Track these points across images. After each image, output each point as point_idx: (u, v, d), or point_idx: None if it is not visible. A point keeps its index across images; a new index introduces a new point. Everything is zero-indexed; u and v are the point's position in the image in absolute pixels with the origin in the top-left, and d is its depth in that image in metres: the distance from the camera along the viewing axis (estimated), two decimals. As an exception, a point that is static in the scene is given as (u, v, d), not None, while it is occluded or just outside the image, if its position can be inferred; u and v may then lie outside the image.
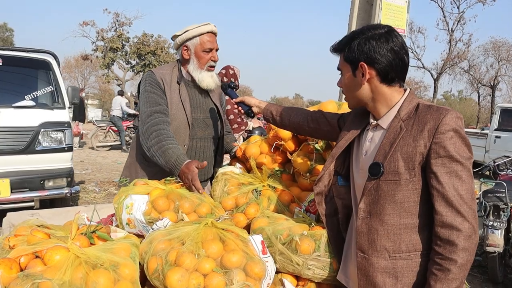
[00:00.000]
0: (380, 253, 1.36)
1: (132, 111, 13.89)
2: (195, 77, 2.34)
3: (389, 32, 1.37)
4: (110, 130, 13.16)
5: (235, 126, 4.46)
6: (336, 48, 1.49)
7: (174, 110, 2.29)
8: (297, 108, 1.99)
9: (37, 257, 1.35)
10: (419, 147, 1.29)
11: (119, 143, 12.99)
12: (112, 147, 13.14)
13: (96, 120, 14.12)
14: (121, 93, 14.13)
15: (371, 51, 1.35)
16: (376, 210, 1.37)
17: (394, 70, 1.37)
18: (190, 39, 2.30)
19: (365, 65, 1.37)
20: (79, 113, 13.92)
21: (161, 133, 2.14)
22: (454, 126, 1.26)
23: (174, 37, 2.37)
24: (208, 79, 2.35)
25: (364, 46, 1.36)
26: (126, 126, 13.30)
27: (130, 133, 13.62)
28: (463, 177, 1.25)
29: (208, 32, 2.31)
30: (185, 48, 2.34)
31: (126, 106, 13.48)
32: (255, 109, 2.07)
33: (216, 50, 2.37)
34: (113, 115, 12.96)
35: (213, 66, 2.37)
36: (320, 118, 1.84)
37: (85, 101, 15.39)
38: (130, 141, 13.88)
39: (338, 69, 1.51)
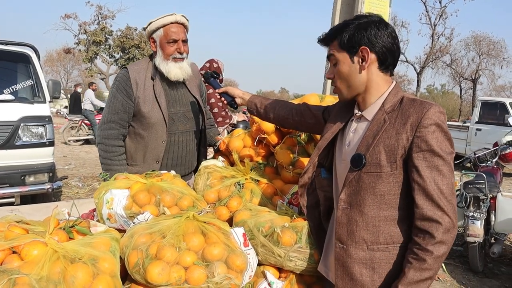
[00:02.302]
0: (359, 244, 1.37)
1: (102, 104, 13.57)
2: (162, 70, 2.27)
3: (383, 19, 1.39)
4: (82, 123, 12.82)
5: (220, 119, 4.44)
6: (327, 38, 1.45)
7: (149, 107, 2.26)
8: (281, 100, 1.97)
9: (14, 252, 1.33)
10: (401, 140, 1.29)
11: (92, 137, 12.57)
12: (85, 141, 12.79)
13: (67, 114, 13.72)
14: (89, 85, 13.60)
15: (372, 35, 1.35)
16: (357, 201, 1.38)
17: (392, 56, 1.38)
18: (154, 31, 2.26)
19: (367, 49, 1.35)
20: (78, 108, 13.61)
21: (108, 149, 2.29)
22: (437, 121, 1.27)
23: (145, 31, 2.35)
24: (176, 70, 2.27)
25: (364, 31, 1.35)
26: (99, 119, 12.95)
27: None
28: (443, 172, 1.25)
29: (172, 23, 2.23)
30: (152, 40, 2.30)
31: (96, 99, 13.06)
32: (238, 100, 2.04)
33: (184, 41, 2.28)
34: (85, 109, 12.61)
35: (180, 58, 2.28)
36: (304, 110, 1.84)
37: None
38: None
39: (328, 58, 1.46)
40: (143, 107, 2.25)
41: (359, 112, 1.46)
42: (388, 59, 1.38)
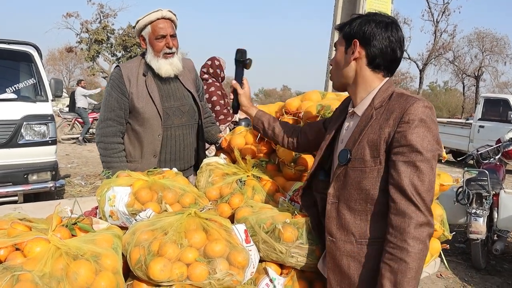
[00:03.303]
0: (347, 238, 1.38)
1: (95, 102, 13.50)
2: (153, 67, 2.29)
3: (392, 23, 1.39)
4: (76, 122, 12.79)
5: (221, 117, 4.44)
6: (341, 26, 1.50)
7: (143, 103, 2.28)
8: (288, 124, 1.92)
9: (17, 249, 1.34)
10: (383, 135, 1.29)
11: (77, 135, 12.56)
12: (77, 140, 12.67)
13: (61, 112, 13.55)
14: (78, 83, 13.37)
15: (367, 32, 1.37)
16: (344, 196, 1.39)
17: (383, 58, 1.38)
18: (143, 28, 2.27)
19: (357, 42, 1.38)
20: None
21: (108, 147, 2.31)
22: (420, 116, 1.25)
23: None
24: (166, 67, 2.29)
25: (363, 26, 1.38)
26: (93, 118, 12.79)
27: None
28: (421, 168, 1.23)
29: (159, 19, 2.23)
30: (141, 38, 2.31)
31: (89, 96, 12.96)
32: (242, 110, 1.91)
33: (172, 36, 2.28)
34: (79, 107, 12.52)
35: (170, 53, 2.29)
36: (308, 131, 1.83)
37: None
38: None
39: (335, 45, 1.52)
40: (137, 103, 2.27)
41: (352, 108, 1.47)
42: (377, 59, 1.38)
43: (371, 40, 1.36)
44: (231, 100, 1.91)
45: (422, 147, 1.24)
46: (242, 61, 1.82)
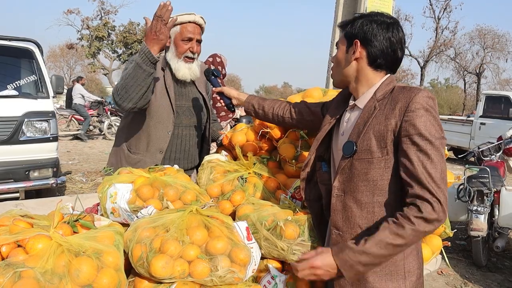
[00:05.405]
0: (354, 230, 1.38)
1: (95, 97, 13.40)
2: (172, 66, 2.28)
3: (393, 23, 1.40)
4: (72, 118, 12.74)
5: (223, 114, 4.44)
6: (343, 24, 1.51)
7: (159, 96, 2.26)
8: (279, 100, 1.99)
9: (19, 246, 1.33)
10: (390, 125, 1.31)
11: (81, 131, 12.51)
12: (74, 137, 12.63)
13: (57, 108, 13.58)
14: (78, 79, 13.29)
15: (369, 33, 1.38)
16: (350, 188, 1.39)
17: (384, 58, 1.40)
18: (171, 27, 2.26)
19: (358, 43, 1.40)
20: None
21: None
22: (425, 105, 1.27)
23: None
24: (184, 70, 2.29)
25: (364, 26, 1.40)
26: (90, 114, 12.87)
27: (94, 121, 13.23)
28: (432, 156, 1.25)
29: (190, 22, 2.25)
30: None
31: (88, 92, 12.95)
32: (234, 101, 2.05)
33: (198, 41, 2.30)
34: (75, 103, 12.51)
35: (191, 58, 2.29)
36: (303, 108, 1.86)
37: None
38: (94, 130, 13.65)
39: (336, 44, 1.54)
40: (153, 95, 2.23)
41: (353, 101, 1.49)
42: (378, 59, 1.39)
43: (372, 41, 1.38)
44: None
45: (431, 135, 1.26)
46: (211, 73, 2.20)
